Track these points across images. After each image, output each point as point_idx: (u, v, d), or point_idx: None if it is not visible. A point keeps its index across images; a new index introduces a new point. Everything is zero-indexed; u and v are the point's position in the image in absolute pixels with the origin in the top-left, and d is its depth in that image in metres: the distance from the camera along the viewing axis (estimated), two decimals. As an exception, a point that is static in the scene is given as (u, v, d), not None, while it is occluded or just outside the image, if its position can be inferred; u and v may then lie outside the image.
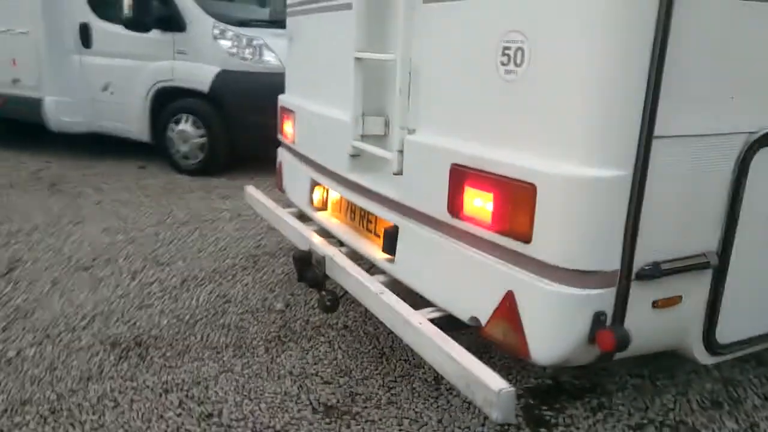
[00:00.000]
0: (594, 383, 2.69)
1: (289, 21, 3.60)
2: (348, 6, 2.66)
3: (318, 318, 3.25)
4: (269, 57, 6.12)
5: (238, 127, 6.16)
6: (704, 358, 2.12)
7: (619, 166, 1.71)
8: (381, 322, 2.32)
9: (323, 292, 2.67)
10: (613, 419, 2.46)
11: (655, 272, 1.84)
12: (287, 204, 3.60)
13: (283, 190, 3.77)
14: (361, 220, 2.85)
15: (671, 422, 2.45)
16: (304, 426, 2.38)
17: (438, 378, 2.65)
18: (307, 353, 2.91)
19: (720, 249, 1.98)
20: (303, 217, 3.33)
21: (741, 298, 2.07)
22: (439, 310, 2.23)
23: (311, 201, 3.29)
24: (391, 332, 2.29)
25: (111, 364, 2.79)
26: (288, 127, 3.60)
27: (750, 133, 1.93)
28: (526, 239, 1.83)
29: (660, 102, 1.69)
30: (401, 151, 2.37)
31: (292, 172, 3.58)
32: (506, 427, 2.39)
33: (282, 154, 3.79)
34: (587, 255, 1.76)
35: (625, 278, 1.80)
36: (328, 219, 3.15)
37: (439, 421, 2.42)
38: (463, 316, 2.12)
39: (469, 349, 1.90)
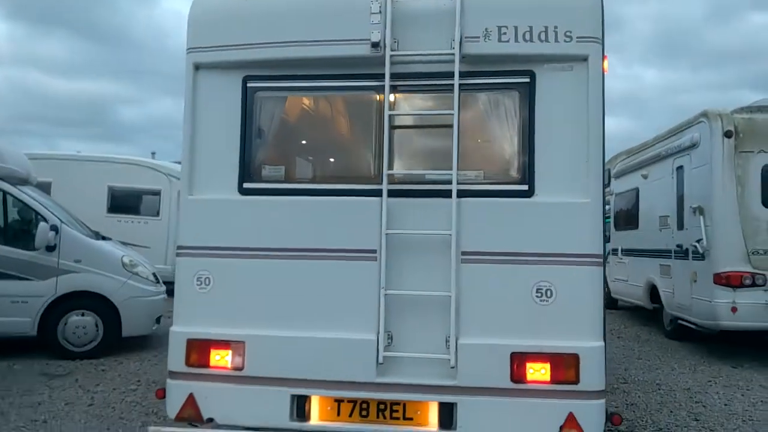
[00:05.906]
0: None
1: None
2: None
3: None
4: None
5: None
6: None
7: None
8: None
9: None
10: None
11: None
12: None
13: (204, 420, 3.86)
14: (380, 413, 3.64)
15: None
16: None
17: None
18: None
19: None
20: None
21: None
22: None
23: (295, 415, 3.72)
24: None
25: None
26: (222, 358, 3.86)
27: None
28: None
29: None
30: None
31: (238, 397, 3.81)
32: None
33: (199, 386, 3.89)
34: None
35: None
36: (322, 425, 3.71)
37: None
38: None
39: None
